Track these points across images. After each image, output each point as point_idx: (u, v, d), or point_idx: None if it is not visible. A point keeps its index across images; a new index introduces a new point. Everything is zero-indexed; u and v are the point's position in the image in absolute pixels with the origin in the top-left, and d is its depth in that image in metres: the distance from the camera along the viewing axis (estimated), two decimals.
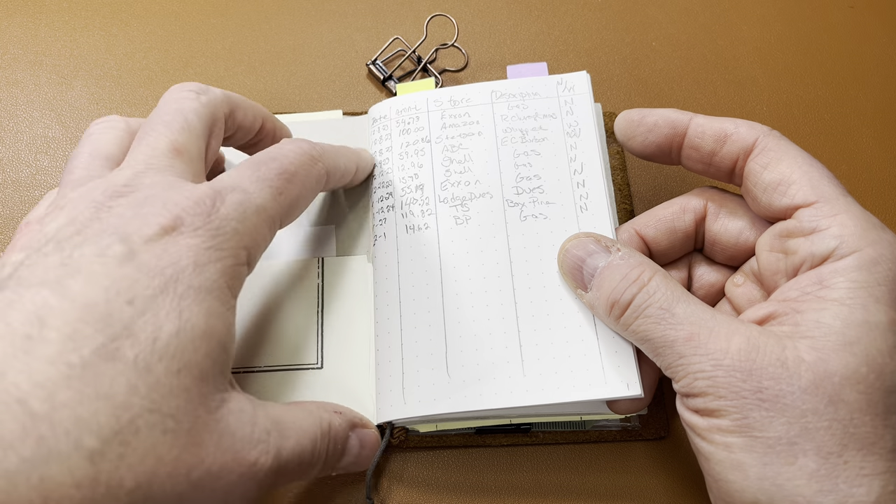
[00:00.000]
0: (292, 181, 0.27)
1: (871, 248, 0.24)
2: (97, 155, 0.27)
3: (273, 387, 0.31)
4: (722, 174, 0.29)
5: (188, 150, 0.26)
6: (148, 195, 0.24)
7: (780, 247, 0.27)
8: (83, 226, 0.23)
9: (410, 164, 0.34)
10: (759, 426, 0.23)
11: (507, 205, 0.32)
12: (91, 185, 0.24)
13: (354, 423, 0.29)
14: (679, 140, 0.29)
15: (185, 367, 0.21)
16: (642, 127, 0.30)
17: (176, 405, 0.21)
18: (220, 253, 0.23)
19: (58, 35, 0.42)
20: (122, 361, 0.20)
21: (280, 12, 0.43)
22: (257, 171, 0.26)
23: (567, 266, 0.29)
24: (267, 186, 0.26)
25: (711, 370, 0.24)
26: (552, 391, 0.28)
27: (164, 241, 0.22)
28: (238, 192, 0.25)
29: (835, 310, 0.23)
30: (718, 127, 0.28)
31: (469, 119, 0.34)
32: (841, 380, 0.22)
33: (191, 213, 0.23)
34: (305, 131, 0.37)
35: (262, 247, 0.26)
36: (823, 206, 0.25)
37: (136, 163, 0.25)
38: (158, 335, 0.21)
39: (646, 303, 0.26)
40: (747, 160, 0.27)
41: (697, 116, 0.29)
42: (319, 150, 0.29)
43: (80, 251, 0.22)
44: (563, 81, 0.34)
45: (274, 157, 0.27)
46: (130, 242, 0.22)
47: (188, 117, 0.27)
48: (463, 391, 0.29)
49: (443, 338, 0.30)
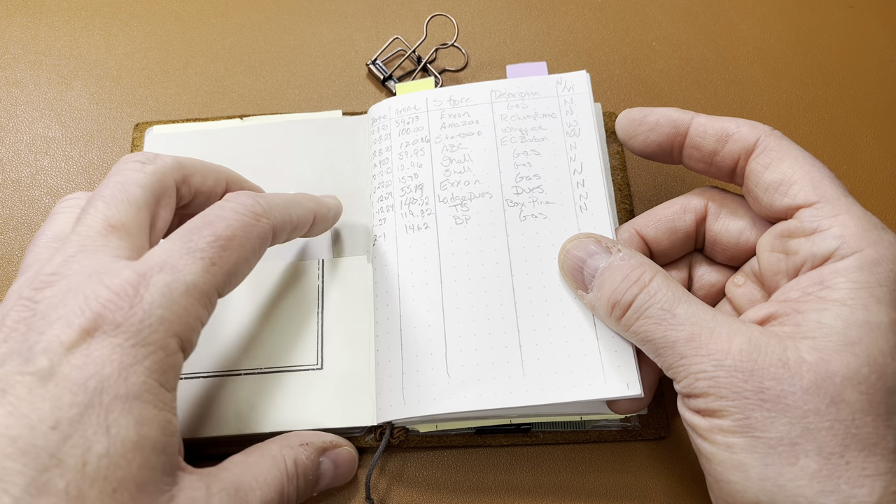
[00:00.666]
0: (228, 247, 0.25)
1: (872, 249, 0.24)
2: (55, 238, 0.26)
3: (273, 388, 0.31)
4: (723, 174, 0.29)
5: (125, 224, 0.25)
6: (71, 286, 0.23)
7: (780, 247, 0.27)
8: (11, 330, 0.22)
9: (410, 164, 0.34)
10: (761, 426, 0.23)
11: (507, 204, 0.32)
12: (28, 275, 0.24)
13: (324, 447, 0.29)
14: (680, 139, 0.29)
15: (120, 484, 0.21)
16: (644, 126, 0.30)
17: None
18: (146, 349, 0.22)
19: (58, 35, 0.42)
20: (55, 494, 0.20)
21: (280, 12, 0.43)
22: (188, 243, 0.24)
23: (567, 267, 0.29)
24: (198, 259, 0.24)
25: (713, 370, 0.24)
26: (552, 391, 0.28)
27: (85, 346, 0.21)
28: (165, 272, 0.23)
29: (836, 310, 0.23)
30: (720, 126, 0.28)
31: (469, 119, 0.34)
32: (842, 380, 0.22)
33: (112, 308, 0.22)
34: (305, 131, 0.37)
35: (198, 328, 0.24)
36: (825, 207, 0.25)
37: (69, 245, 0.24)
38: (87, 458, 0.20)
39: (647, 304, 0.26)
40: (748, 160, 0.27)
41: (699, 116, 0.29)
42: (265, 204, 0.27)
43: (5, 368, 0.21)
44: (563, 81, 0.34)
45: (208, 223, 0.25)
46: (51, 354, 0.21)
47: (129, 190, 0.25)
48: (463, 391, 0.29)
49: (442, 338, 0.30)
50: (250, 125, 0.38)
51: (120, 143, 0.39)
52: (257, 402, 0.31)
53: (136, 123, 0.39)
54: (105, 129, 0.40)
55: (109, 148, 0.39)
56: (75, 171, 0.38)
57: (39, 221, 0.37)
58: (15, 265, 0.36)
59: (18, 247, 0.37)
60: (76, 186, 0.38)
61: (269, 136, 0.37)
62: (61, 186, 0.38)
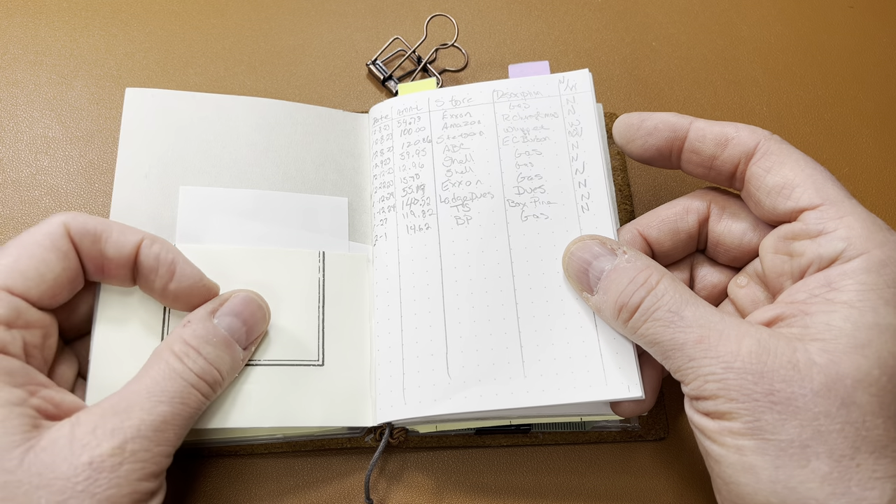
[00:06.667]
0: None
1: (879, 250, 0.24)
2: None
3: (276, 381, 0.30)
4: (722, 178, 0.29)
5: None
6: None
7: (784, 249, 0.26)
8: None
9: (412, 165, 0.34)
10: (771, 429, 0.23)
11: (509, 205, 0.32)
12: None
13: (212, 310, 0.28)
14: (679, 144, 0.29)
15: None
16: (642, 130, 0.29)
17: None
18: None
19: (58, 35, 0.42)
20: None
21: (280, 12, 0.43)
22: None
23: (572, 269, 0.29)
24: None
25: (722, 373, 0.23)
26: (553, 392, 0.28)
27: None
28: None
29: (844, 312, 0.23)
30: (719, 131, 0.28)
31: (470, 119, 0.34)
32: (853, 382, 0.22)
33: None
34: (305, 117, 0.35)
35: None
36: (829, 209, 0.25)
37: None
38: None
39: (654, 306, 0.26)
40: (748, 164, 0.27)
41: (697, 120, 0.29)
42: None
43: None
44: (566, 80, 0.34)
45: None
46: None
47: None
48: (463, 392, 0.29)
49: (443, 338, 0.30)
50: (248, 100, 0.35)
51: None
52: (258, 394, 0.30)
53: None
54: (105, 129, 0.40)
55: (109, 148, 0.39)
56: (75, 171, 0.38)
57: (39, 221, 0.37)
58: None
59: None
60: (76, 186, 0.38)
61: (268, 114, 0.35)
62: (61, 186, 0.38)
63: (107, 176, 0.38)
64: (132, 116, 0.34)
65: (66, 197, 0.38)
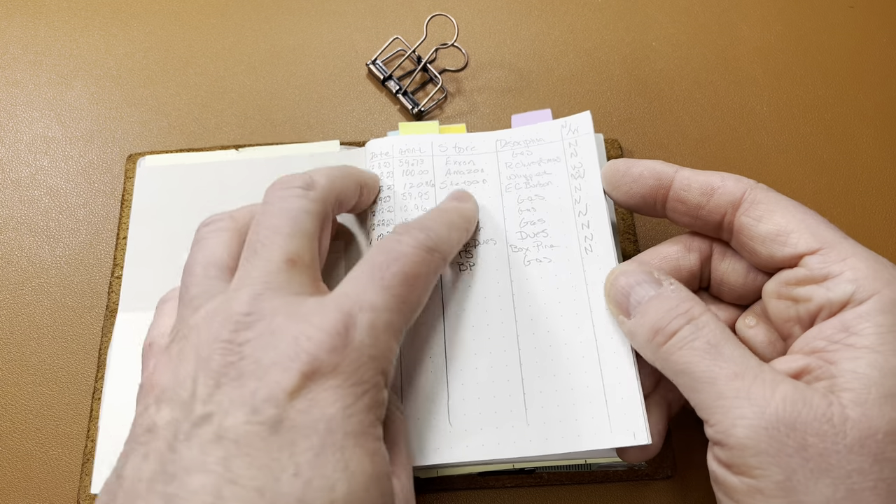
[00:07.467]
0: (415, 286, 0.25)
1: (889, 289, 0.23)
2: (210, 265, 0.26)
3: None
4: (709, 228, 0.28)
5: (302, 257, 0.25)
6: (274, 328, 0.23)
7: (788, 294, 0.26)
8: (220, 374, 0.22)
9: (414, 207, 0.33)
10: (804, 489, 0.22)
11: (511, 250, 0.32)
12: (210, 310, 0.24)
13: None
14: (664, 192, 0.28)
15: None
16: (627, 177, 0.29)
17: None
18: (362, 388, 0.23)
19: (58, 35, 0.42)
20: None
21: (280, 12, 0.43)
22: (381, 280, 0.24)
23: (614, 292, 0.28)
24: (391, 297, 0.24)
25: (753, 417, 0.22)
26: (557, 441, 0.28)
27: (307, 391, 0.22)
28: (366, 312, 0.24)
29: (869, 358, 0.23)
30: (704, 180, 0.28)
31: (474, 167, 0.34)
32: (884, 436, 0.22)
33: (326, 350, 0.22)
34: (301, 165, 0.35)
35: (394, 363, 0.25)
36: (830, 252, 0.25)
37: (252, 281, 0.24)
38: (334, 497, 0.21)
39: (694, 335, 0.25)
40: (736, 214, 0.27)
41: (683, 170, 0.28)
42: (434, 237, 0.27)
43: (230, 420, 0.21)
44: (567, 124, 0.34)
45: (395, 259, 0.25)
46: (276, 402, 0.21)
47: (298, 219, 0.25)
48: (465, 441, 0.28)
49: (444, 385, 0.29)
50: (246, 158, 0.37)
51: (120, 144, 0.39)
52: None
53: (128, 155, 0.38)
54: (105, 129, 0.40)
55: (109, 148, 0.39)
56: (75, 171, 0.38)
57: (39, 221, 0.37)
58: (15, 265, 0.36)
59: (18, 247, 0.36)
60: (76, 186, 0.38)
61: (265, 170, 0.36)
62: (61, 186, 0.38)
63: (107, 176, 0.38)
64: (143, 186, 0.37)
65: (66, 197, 0.38)
